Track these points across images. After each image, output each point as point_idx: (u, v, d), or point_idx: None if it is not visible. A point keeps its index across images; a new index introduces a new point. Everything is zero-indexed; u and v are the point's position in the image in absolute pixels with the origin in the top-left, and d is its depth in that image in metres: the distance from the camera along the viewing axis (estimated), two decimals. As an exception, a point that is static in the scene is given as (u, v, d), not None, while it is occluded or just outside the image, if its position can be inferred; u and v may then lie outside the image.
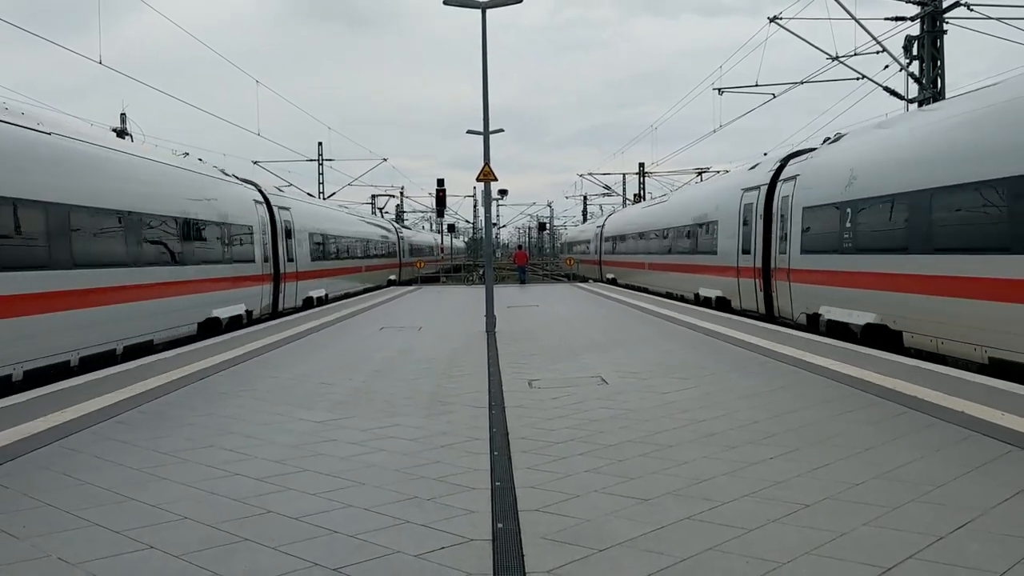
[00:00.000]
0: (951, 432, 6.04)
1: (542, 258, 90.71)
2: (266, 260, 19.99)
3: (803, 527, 4.13)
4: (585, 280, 40.03)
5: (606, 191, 59.48)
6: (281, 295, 21.13)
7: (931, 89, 18.12)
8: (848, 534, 4.01)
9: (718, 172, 31.98)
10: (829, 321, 13.81)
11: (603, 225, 42.12)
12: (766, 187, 16.92)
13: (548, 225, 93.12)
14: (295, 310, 22.06)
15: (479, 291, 27.15)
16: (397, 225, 51.02)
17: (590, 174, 56.15)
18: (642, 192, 52.81)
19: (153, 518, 4.45)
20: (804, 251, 14.83)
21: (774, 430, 6.28)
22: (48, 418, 7.11)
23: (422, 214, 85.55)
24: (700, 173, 38.64)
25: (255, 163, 34.69)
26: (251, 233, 18.98)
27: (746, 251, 17.83)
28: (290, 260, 21.97)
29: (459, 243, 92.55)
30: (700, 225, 21.78)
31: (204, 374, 9.68)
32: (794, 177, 15.60)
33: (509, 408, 7.39)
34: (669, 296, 24.70)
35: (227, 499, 4.79)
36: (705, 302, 20.92)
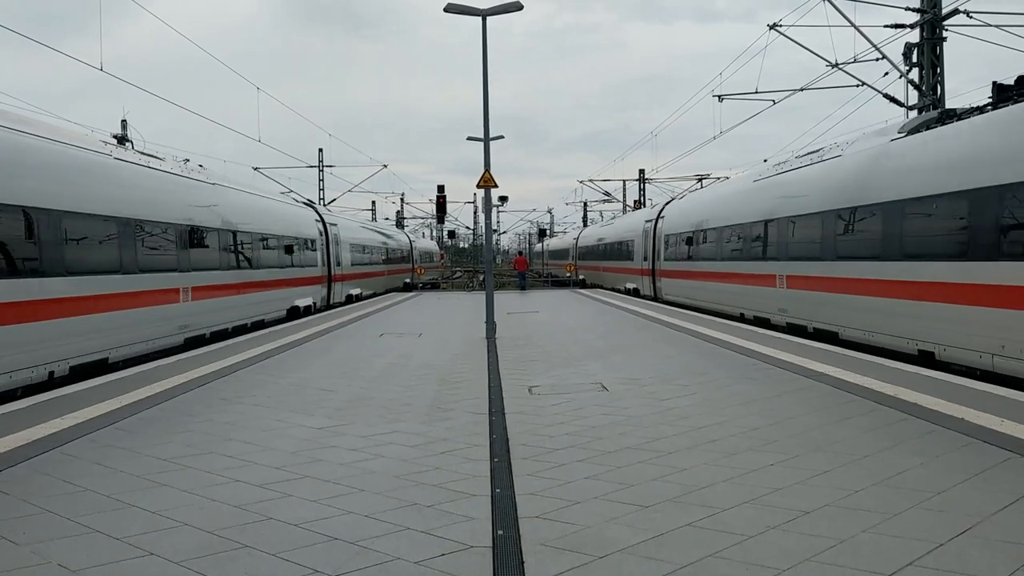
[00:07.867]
0: (951, 439, 6.05)
1: (543, 264, 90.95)
2: (323, 264, 25.69)
3: (803, 534, 4.13)
4: (587, 286, 40.11)
5: (606, 197, 59.40)
6: (331, 291, 26.72)
7: (931, 96, 18.14)
8: (848, 541, 4.01)
9: (719, 179, 32.43)
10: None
11: (547, 244, 78.05)
12: (653, 221, 28.35)
13: (549, 231, 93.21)
14: (339, 304, 27.39)
15: (479, 297, 27.14)
16: (410, 235, 58.57)
17: (590, 180, 55.99)
18: (642, 198, 52.72)
19: (153, 524, 4.46)
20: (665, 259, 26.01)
21: (774, 437, 6.29)
22: (48, 424, 7.12)
23: (422, 220, 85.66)
24: (700, 179, 38.63)
25: (255, 169, 35.05)
26: (315, 246, 24.79)
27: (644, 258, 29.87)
28: (337, 264, 27.58)
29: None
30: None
31: (204, 380, 9.68)
32: (662, 216, 27.12)
33: (509, 415, 7.39)
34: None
35: (227, 505, 4.79)
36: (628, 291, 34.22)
